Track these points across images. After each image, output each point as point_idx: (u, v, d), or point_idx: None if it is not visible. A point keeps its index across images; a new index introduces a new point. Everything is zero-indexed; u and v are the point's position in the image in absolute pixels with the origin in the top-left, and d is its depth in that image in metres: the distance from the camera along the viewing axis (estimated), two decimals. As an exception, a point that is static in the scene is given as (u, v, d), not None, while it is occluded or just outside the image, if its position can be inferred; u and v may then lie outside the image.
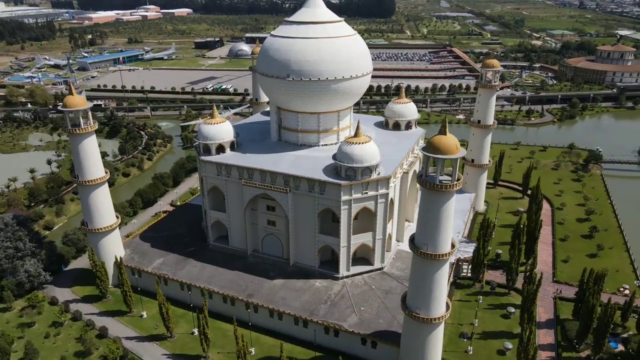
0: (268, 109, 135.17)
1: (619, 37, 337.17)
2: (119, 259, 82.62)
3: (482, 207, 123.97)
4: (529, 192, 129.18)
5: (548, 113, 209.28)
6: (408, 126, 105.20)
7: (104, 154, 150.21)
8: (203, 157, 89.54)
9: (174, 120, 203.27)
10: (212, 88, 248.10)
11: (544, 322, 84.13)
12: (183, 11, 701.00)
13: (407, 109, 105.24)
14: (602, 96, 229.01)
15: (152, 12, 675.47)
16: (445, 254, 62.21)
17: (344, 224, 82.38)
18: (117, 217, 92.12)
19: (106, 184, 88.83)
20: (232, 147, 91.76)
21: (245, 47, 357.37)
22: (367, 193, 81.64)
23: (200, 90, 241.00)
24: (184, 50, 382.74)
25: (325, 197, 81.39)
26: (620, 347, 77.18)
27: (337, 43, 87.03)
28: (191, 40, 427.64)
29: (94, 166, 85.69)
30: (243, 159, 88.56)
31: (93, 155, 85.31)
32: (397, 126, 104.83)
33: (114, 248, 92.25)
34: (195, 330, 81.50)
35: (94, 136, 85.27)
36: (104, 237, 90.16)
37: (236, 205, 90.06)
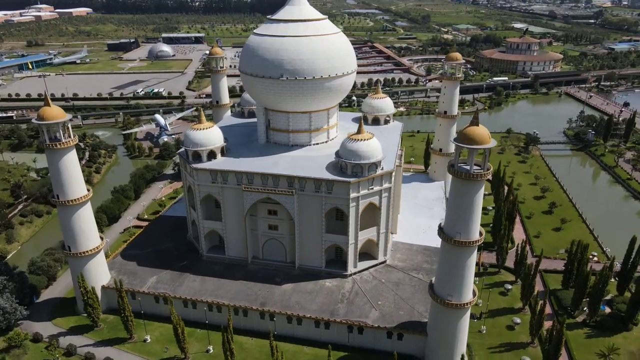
0: (229, 112, 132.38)
1: (525, 30, 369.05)
2: (117, 282, 75.47)
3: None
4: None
5: (478, 102, 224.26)
6: (386, 121, 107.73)
7: (45, 170, 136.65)
8: (195, 165, 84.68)
9: (110, 129, 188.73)
10: (143, 92, 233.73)
11: (536, 294, 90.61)
12: (82, 11, 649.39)
13: (385, 103, 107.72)
14: (520, 84, 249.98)
15: (45, 12, 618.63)
16: (477, 241, 64.89)
17: (352, 221, 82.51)
18: (102, 238, 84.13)
19: (89, 203, 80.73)
20: (222, 152, 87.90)
21: (166, 48, 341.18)
22: (372, 188, 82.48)
23: (131, 95, 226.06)
24: (97, 53, 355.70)
25: (333, 196, 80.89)
26: (607, 309, 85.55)
27: (328, 40, 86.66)
28: (102, 42, 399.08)
29: (76, 184, 77.43)
30: (238, 164, 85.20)
31: (74, 171, 77.03)
32: (376, 121, 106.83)
33: (100, 272, 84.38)
34: (211, 348, 77.35)
35: (74, 151, 77.08)
36: (89, 261, 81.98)
37: (234, 213, 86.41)
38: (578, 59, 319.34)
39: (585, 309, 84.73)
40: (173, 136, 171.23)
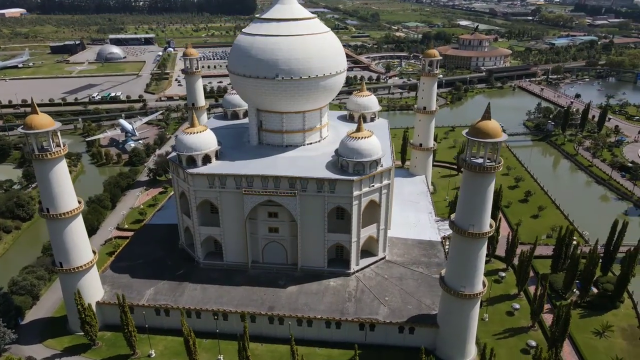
0: (206, 114, 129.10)
1: (475, 27, 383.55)
2: (120, 297, 71.56)
3: (430, 188, 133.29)
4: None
5: (439, 97, 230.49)
6: (372, 118, 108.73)
7: (9, 182, 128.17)
8: (191, 170, 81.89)
9: (70, 136, 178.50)
10: (99, 96, 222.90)
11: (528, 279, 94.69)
12: (15, 11, 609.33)
13: (371, 101, 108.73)
14: (476, 79, 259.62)
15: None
16: (488, 232, 66.81)
17: (355, 219, 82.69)
18: (94, 252, 79.58)
19: (80, 215, 76.18)
20: (217, 156, 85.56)
21: (117, 50, 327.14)
22: (373, 186, 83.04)
23: (87, 100, 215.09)
24: (40, 56, 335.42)
25: (336, 195, 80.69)
26: (594, 289, 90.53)
27: (320, 39, 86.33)
28: (43, 44, 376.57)
29: (68, 196, 72.80)
30: (235, 167, 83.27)
31: (65, 183, 72.35)
32: (362, 119, 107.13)
33: (94, 287, 79.90)
34: (222, 358, 75.21)
35: (64, 161, 72.44)
36: (83, 277, 77.35)
37: (233, 217, 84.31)
38: (524, 54, 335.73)
39: (575, 290, 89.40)
40: (140, 141, 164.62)
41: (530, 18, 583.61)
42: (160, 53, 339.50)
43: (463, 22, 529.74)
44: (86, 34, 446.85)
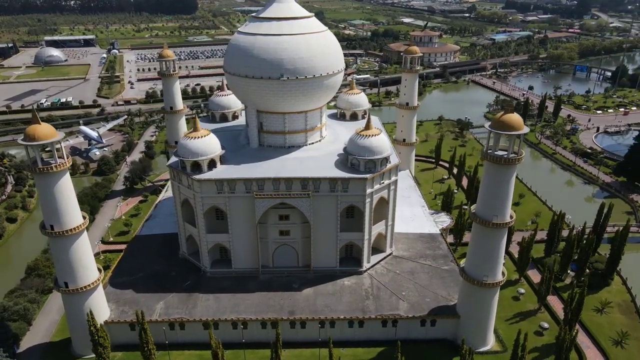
0: (184, 118, 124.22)
1: (425, 24, 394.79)
2: (139, 314, 67.34)
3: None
4: (441, 162, 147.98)
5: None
6: (363, 116, 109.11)
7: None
8: (198, 176, 78.61)
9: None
10: (47, 102, 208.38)
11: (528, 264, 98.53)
12: None
13: (362, 98, 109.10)
14: (432, 74, 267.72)
15: None
16: (510, 222, 69.23)
17: (367, 217, 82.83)
18: (100, 270, 74.41)
19: (86, 232, 71.05)
20: (221, 160, 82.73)
21: (57, 53, 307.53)
22: (383, 183, 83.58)
23: (35, 107, 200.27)
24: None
25: (349, 194, 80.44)
26: (586, 270, 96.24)
27: (322, 38, 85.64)
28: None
29: (73, 211, 67.65)
30: (243, 171, 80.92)
31: (71, 197, 67.25)
32: (354, 117, 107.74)
33: (101, 306, 74.80)
34: (248, 367, 72.93)
35: (68, 174, 67.28)
36: (90, 296, 72.23)
37: (243, 223, 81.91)
38: (470, 50, 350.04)
39: (569, 271, 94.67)
40: (105, 149, 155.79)
41: (467, 15, 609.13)
42: (105, 55, 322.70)
43: (406, 20, 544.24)
44: (16, 35, 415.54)
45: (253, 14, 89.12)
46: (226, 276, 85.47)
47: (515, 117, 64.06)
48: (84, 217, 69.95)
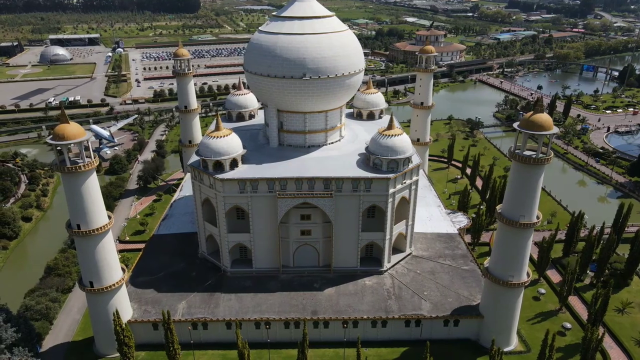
0: (198, 117, 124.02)
1: (431, 23, 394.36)
2: (165, 314, 67.24)
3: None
4: (453, 162, 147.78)
5: (409, 92, 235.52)
6: (380, 115, 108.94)
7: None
8: (220, 176, 78.37)
9: (34, 145, 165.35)
10: (56, 102, 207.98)
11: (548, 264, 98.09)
12: None
13: (379, 98, 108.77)
14: (440, 74, 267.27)
15: None
16: (536, 222, 69.04)
17: (389, 217, 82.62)
18: (124, 270, 74.25)
19: (110, 231, 70.93)
20: (242, 160, 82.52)
21: (62, 52, 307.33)
22: (405, 182, 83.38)
23: (43, 105, 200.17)
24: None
25: (371, 193, 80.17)
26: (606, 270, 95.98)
27: (344, 37, 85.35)
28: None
29: (99, 210, 67.57)
30: (264, 170, 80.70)
31: (97, 197, 67.15)
32: (371, 116, 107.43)
33: (124, 306, 74.64)
34: (273, 367, 72.79)
35: (95, 173, 67.07)
36: (114, 295, 72.11)
37: (265, 222, 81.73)
38: (475, 49, 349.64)
39: (588, 272, 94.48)
40: (116, 148, 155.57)
41: (470, 14, 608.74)
42: (110, 54, 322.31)
43: (410, 19, 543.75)
44: (20, 34, 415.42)
45: (274, 13, 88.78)
46: (247, 276, 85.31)
47: (545, 117, 63.82)
48: (109, 217, 69.75)
